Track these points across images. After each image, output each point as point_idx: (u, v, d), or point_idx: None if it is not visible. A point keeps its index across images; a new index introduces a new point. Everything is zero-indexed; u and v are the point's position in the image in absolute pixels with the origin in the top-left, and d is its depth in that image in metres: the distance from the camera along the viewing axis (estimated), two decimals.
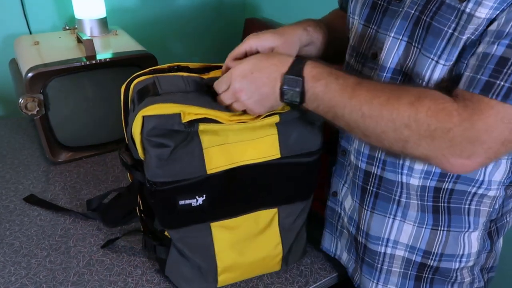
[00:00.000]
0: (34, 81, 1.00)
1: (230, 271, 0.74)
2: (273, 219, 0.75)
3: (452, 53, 0.55)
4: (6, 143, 1.21)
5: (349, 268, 0.81)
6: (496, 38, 0.50)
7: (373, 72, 0.67)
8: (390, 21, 0.64)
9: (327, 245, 0.85)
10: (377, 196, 0.70)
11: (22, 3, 1.36)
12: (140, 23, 1.60)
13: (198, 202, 0.68)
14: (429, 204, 0.67)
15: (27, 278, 0.79)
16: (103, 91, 1.12)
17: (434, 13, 0.56)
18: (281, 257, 0.78)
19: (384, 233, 0.72)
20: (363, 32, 0.69)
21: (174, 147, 0.64)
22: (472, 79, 0.52)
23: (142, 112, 0.62)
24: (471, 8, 0.52)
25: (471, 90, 0.51)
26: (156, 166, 0.65)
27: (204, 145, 0.66)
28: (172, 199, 0.67)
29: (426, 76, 0.58)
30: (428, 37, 0.57)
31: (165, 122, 0.62)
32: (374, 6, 0.67)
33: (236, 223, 0.72)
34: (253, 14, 1.83)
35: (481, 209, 0.67)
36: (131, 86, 0.70)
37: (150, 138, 0.63)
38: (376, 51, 0.67)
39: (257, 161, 0.70)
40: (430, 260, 0.70)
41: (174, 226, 0.71)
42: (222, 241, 0.72)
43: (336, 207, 0.80)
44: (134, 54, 1.12)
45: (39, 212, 0.96)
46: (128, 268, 0.82)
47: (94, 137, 1.16)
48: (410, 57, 0.61)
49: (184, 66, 0.72)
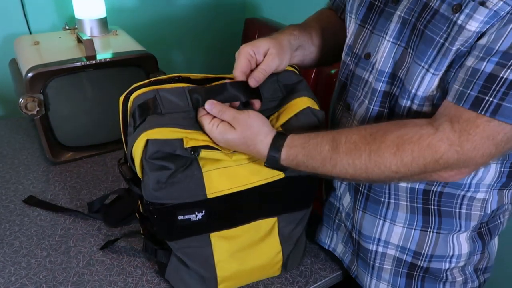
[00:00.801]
0: (34, 81, 1.00)
1: (230, 280, 0.74)
2: (273, 227, 0.74)
3: (441, 63, 0.56)
4: (6, 143, 1.21)
5: (345, 260, 0.82)
6: (485, 54, 0.51)
7: (365, 73, 0.68)
8: (385, 23, 0.64)
9: (322, 238, 0.86)
10: (368, 198, 0.71)
11: (22, 3, 1.36)
12: (140, 23, 1.60)
13: (197, 217, 0.67)
14: (419, 206, 0.68)
15: (27, 278, 0.79)
16: (103, 91, 1.12)
17: (428, 22, 0.57)
18: (281, 264, 0.78)
19: (375, 233, 0.72)
20: (359, 31, 0.70)
21: (174, 170, 0.64)
22: (462, 93, 0.53)
23: (146, 135, 0.62)
24: (463, 20, 0.53)
25: (461, 104, 0.53)
26: (153, 189, 0.64)
27: (204, 169, 0.66)
28: (171, 214, 0.66)
29: (416, 84, 0.59)
30: (421, 45, 0.58)
31: (168, 146, 0.62)
32: (370, 6, 0.67)
33: (235, 233, 0.71)
34: (253, 14, 1.83)
35: (472, 213, 0.67)
36: (131, 99, 0.67)
37: (152, 160, 0.63)
38: (369, 52, 0.67)
39: (260, 184, 0.69)
40: (420, 261, 0.71)
41: (173, 238, 0.70)
42: (221, 251, 0.71)
43: (335, 202, 0.81)
44: (134, 54, 1.12)
45: (39, 212, 0.96)
46: (128, 268, 0.81)
47: (94, 137, 1.16)
48: (405, 63, 0.61)
49: (185, 77, 0.71)
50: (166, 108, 0.65)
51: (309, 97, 0.71)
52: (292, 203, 0.75)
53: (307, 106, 0.69)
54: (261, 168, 0.68)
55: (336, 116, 0.78)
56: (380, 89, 0.65)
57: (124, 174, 0.72)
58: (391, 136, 0.57)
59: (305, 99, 0.70)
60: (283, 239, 0.75)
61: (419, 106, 0.61)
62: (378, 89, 0.65)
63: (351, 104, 0.72)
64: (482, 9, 0.51)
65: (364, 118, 0.68)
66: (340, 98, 0.76)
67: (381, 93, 0.65)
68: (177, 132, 0.63)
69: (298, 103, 0.69)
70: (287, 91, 0.72)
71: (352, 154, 0.59)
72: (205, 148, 0.64)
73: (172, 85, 0.68)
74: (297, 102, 0.69)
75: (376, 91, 0.65)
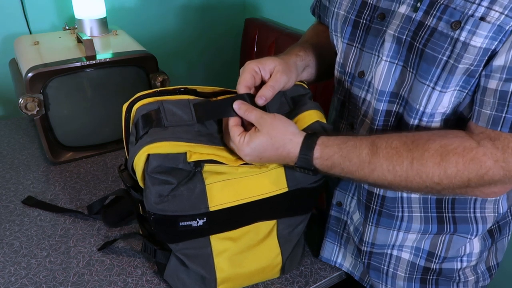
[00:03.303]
0: (34, 81, 1.00)
1: (229, 281, 0.74)
2: (272, 230, 0.74)
3: (448, 81, 0.56)
4: (6, 143, 1.21)
5: (356, 272, 0.81)
6: (509, 74, 0.51)
7: (361, 91, 0.68)
8: (375, 40, 0.63)
9: (327, 255, 0.83)
10: (381, 214, 0.70)
11: (22, 3, 1.36)
12: (140, 23, 1.60)
13: (198, 224, 0.67)
14: (433, 215, 0.67)
15: (27, 278, 0.79)
16: (103, 91, 1.12)
17: (426, 40, 0.56)
18: (280, 267, 0.77)
19: (390, 241, 0.72)
20: (348, 50, 0.69)
21: (177, 184, 0.64)
22: (496, 117, 0.53)
23: (147, 149, 0.61)
24: (465, 36, 0.52)
25: (499, 129, 0.53)
26: (155, 202, 0.64)
27: (208, 181, 0.65)
28: (172, 222, 0.66)
29: (423, 102, 0.59)
30: (423, 63, 0.57)
31: (170, 161, 0.61)
32: (356, 24, 0.66)
33: (235, 235, 0.71)
34: (253, 14, 1.83)
35: (487, 216, 0.67)
36: (134, 108, 0.67)
37: (154, 175, 0.62)
38: (362, 70, 0.67)
39: (263, 197, 0.68)
40: (433, 263, 0.71)
41: (173, 242, 0.70)
42: (221, 253, 0.71)
43: (341, 216, 0.79)
44: (134, 54, 1.12)
45: (39, 212, 0.95)
46: (128, 269, 0.81)
47: (94, 137, 1.16)
48: (406, 82, 0.61)
49: (191, 89, 0.70)
50: (170, 121, 0.64)
51: (317, 109, 0.69)
52: (292, 211, 0.74)
53: (316, 120, 0.67)
54: (266, 181, 0.68)
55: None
56: (382, 109, 0.64)
57: (125, 181, 0.72)
58: (434, 144, 0.55)
59: (313, 112, 0.68)
60: (282, 241, 0.75)
61: (428, 123, 0.60)
62: (380, 109, 0.64)
63: (354, 123, 0.72)
64: (484, 24, 0.51)
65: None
66: (342, 116, 0.75)
67: (384, 113, 0.65)
68: (180, 145, 0.62)
69: (307, 117, 0.68)
70: (294, 104, 0.71)
71: (393, 159, 0.57)
72: (210, 162, 0.63)
73: (176, 97, 0.67)
74: (306, 116, 0.68)
75: (378, 111, 0.65)
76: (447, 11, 0.54)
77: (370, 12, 0.64)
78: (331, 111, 0.82)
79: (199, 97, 0.68)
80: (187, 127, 0.65)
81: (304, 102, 0.70)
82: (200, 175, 0.65)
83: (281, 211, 0.73)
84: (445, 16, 0.54)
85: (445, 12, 0.54)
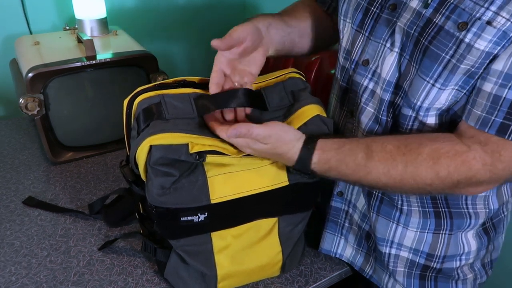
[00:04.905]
0: (34, 81, 1.00)
1: (230, 278, 0.74)
2: (273, 227, 0.74)
3: (448, 79, 0.57)
4: (6, 143, 1.22)
5: (357, 262, 0.81)
6: (505, 80, 0.52)
7: (363, 79, 0.68)
8: (383, 30, 0.64)
9: (327, 246, 0.84)
10: (382, 201, 0.72)
11: (22, 3, 1.36)
12: (140, 23, 1.60)
13: (200, 219, 0.67)
14: (430, 210, 0.68)
15: (27, 278, 0.79)
16: (103, 91, 1.12)
17: (432, 38, 0.57)
18: (280, 265, 0.78)
19: (389, 235, 0.73)
20: (355, 37, 0.69)
21: (179, 176, 0.64)
22: (486, 119, 0.54)
23: (150, 140, 0.61)
24: (471, 38, 0.53)
25: (487, 130, 0.54)
26: (157, 194, 0.64)
27: (209, 174, 0.66)
28: (174, 216, 0.66)
29: (421, 97, 0.60)
30: (425, 60, 0.58)
31: (172, 152, 0.62)
32: (366, 11, 0.67)
33: (236, 232, 0.71)
34: (253, 14, 1.82)
35: (479, 212, 0.68)
36: (135, 102, 0.67)
37: (156, 166, 0.62)
38: (367, 58, 0.67)
39: (264, 190, 0.69)
40: (433, 262, 0.72)
41: (174, 238, 0.70)
42: (222, 249, 0.71)
43: (342, 206, 0.80)
44: (134, 54, 1.12)
45: (40, 212, 0.96)
46: (129, 268, 0.82)
47: (94, 137, 1.16)
48: (408, 76, 0.61)
49: (191, 81, 0.70)
50: (171, 114, 0.65)
51: (317, 104, 0.70)
52: (293, 207, 0.75)
53: (316, 114, 0.68)
54: (267, 174, 0.68)
55: (339, 121, 0.78)
56: (387, 99, 0.65)
57: (126, 177, 0.72)
58: (426, 149, 0.57)
59: (314, 106, 0.69)
60: (283, 239, 0.75)
61: (424, 117, 0.62)
62: (385, 99, 0.65)
63: (354, 110, 0.72)
64: (490, 29, 0.52)
65: (371, 127, 0.68)
66: (343, 103, 0.76)
67: (387, 103, 0.66)
68: (182, 137, 0.62)
69: (307, 112, 0.68)
70: (294, 98, 0.72)
71: (388, 163, 0.59)
72: (212, 153, 0.63)
73: (177, 91, 0.68)
74: (306, 110, 0.68)
75: (384, 101, 0.65)
76: (456, 11, 0.54)
77: (382, 1, 0.65)
78: (330, 99, 0.82)
79: (199, 89, 0.69)
80: (189, 119, 0.65)
81: (305, 96, 0.71)
82: (202, 168, 0.65)
83: (282, 206, 0.73)
84: (453, 16, 0.54)
85: (454, 12, 0.54)
